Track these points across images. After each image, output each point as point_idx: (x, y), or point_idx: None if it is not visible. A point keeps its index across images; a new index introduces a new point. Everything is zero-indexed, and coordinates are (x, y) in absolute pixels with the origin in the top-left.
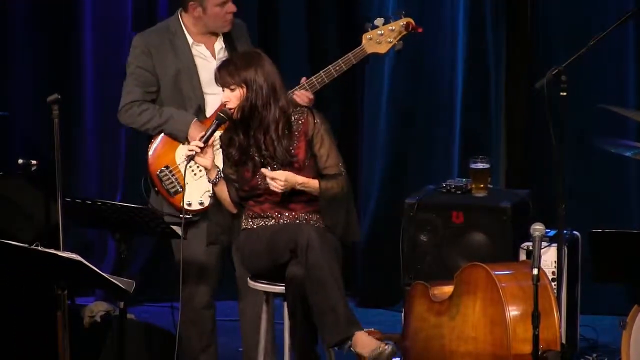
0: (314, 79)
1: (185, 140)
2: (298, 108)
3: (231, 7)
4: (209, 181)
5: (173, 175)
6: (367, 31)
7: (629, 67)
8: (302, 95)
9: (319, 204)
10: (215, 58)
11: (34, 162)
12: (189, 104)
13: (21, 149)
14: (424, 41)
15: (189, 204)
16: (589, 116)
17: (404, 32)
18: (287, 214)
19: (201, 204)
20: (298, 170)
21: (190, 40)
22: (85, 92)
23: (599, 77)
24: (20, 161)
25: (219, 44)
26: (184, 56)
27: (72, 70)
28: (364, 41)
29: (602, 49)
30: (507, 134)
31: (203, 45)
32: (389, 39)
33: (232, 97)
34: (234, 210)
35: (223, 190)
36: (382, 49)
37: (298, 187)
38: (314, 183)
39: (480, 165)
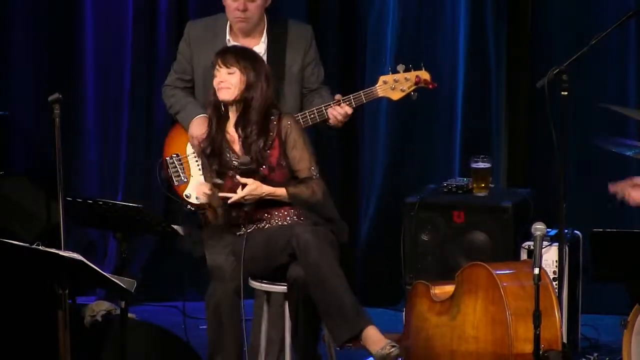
0: (315, 113)
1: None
2: (274, 110)
3: (240, 4)
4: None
5: (180, 164)
6: (387, 74)
7: (630, 67)
8: (337, 111)
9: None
10: None
11: None
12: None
13: (22, 149)
14: (425, 41)
15: (188, 196)
16: (590, 115)
17: (418, 85)
18: (277, 214)
19: (198, 199)
20: (268, 173)
21: (227, 37)
22: (85, 92)
23: (600, 76)
24: None
25: (260, 47)
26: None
27: (73, 70)
28: (379, 82)
29: (603, 49)
30: (508, 134)
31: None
32: (402, 87)
33: (231, 81)
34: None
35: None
36: (395, 95)
37: (265, 197)
38: (281, 191)
39: (481, 165)
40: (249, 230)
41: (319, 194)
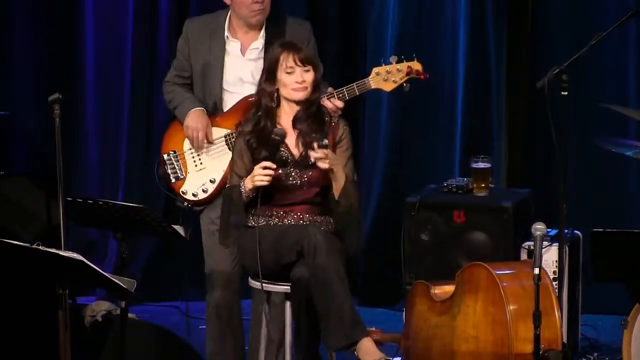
0: None
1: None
2: (329, 111)
3: None
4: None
5: (177, 161)
6: (380, 65)
7: (630, 67)
8: (327, 106)
9: (335, 206)
10: (244, 56)
11: None
12: (208, 97)
13: (22, 149)
14: (426, 40)
15: (185, 193)
16: (591, 115)
17: (410, 76)
18: (292, 214)
19: (194, 195)
20: (316, 170)
21: (226, 33)
22: (86, 92)
23: (600, 76)
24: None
25: (258, 43)
26: (216, 49)
27: (73, 70)
28: (371, 74)
29: (604, 49)
30: (509, 134)
31: (238, 42)
32: (394, 79)
33: (309, 80)
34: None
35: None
36: (387, 87)
37: (334, 168)
38: (342, 174)
39: (481, 165)
40: (259, 225)
41: (356, 200)
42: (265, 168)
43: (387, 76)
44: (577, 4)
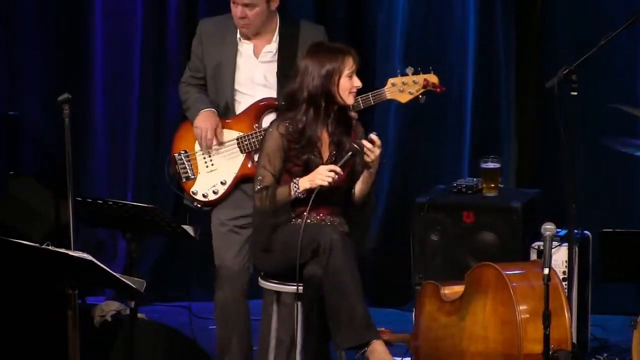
0: None
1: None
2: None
3: (238, 11)
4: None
5: (188, 161)
6: (396, 76)
7: (639, 67)
8: None
9: (360, 204)
10: (257, 59)
11: None
12: (220, 98)
13: (31, 149)
14: (434, 41)
15: (195, 193)
16: (600, 116)
17: (426, 89)
18: (314, 214)
19: (205, 196)
20: (344, 173)
21: (238, 35)
22: (95, 92)
23: (609, 76)
24: None
25: (271, 47)
26: (228, 50)
27: (82, 70)
28: (387, 85)
29: (613, 49)
30: (518, 134)
31: (251, 44)
32: (410, 90)
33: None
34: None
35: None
36: (403, 98)
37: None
38: (373, 176)
39: (490, 165)
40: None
41: (372, 207)
42: (331, 171)
43: (403, 87)
44: (585, 5)
